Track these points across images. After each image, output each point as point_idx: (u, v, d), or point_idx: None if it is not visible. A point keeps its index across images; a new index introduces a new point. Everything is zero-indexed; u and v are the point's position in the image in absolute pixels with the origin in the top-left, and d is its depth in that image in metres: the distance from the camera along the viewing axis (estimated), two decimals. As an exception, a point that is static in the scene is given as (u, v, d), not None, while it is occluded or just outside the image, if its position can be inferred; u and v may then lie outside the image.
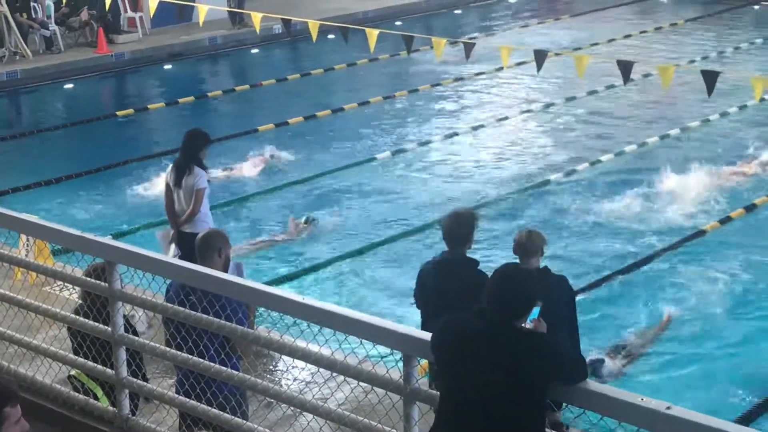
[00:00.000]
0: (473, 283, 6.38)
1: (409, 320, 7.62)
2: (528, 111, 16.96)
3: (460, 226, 6.68)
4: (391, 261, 11.26)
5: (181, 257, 8.43)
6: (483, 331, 4.41)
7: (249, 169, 14.04)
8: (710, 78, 10.86)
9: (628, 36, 22.43)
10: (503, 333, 4.37)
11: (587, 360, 5.80)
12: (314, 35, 13.37)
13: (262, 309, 6.22)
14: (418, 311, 6.95)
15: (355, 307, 9.76)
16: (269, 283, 9.94)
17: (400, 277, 10.60)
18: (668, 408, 3.99)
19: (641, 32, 22.92)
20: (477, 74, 19.17)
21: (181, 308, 5.67)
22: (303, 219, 12.09)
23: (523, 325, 4.54)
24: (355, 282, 10.78)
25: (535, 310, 4.72)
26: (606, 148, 14.80)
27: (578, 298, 9.45)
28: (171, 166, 9.46)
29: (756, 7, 25.67)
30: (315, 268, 11.05)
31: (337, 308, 5.21)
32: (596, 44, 21.46)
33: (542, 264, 6.74)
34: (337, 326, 5.10)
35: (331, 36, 18.97)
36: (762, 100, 15.11)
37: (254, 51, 21.70)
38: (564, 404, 4.61)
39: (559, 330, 6.17)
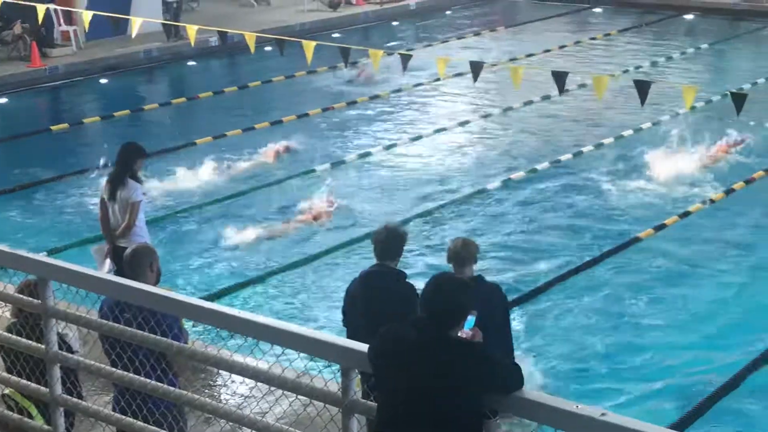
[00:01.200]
0: (402, 295, 6.40)
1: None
2: (465, 122, 17.06)
3: (390, 241, 6.71)
4: (337, 268, 11.27)
5: (116, 272, 8.33)
6: (418, 342, 4.41)
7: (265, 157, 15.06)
8: (643, 87, 11.04)
9: (563, 47, 22.69)
10: (438, 343, 4.38)
11: None
12: (252, 47, 13.33)
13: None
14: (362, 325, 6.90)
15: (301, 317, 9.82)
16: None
17: (336, 289, 10.64)
18: (603, 414, 4.02)
19: (576, 43, 23.22)
20: (415, 85, 19.25)
21: (116, 324, 5.59)
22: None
23: (459, 334, 4.56)
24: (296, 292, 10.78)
25: (471, 320, 4.72)
26: (542, 157, 14.94)
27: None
28: (106, 180, 9.37)
29: (687, 17, 26.15)
30: (253, 282, 11.01)
31: (274, 321, 5.16)
32: (532, 55, 21.68)
33: (477, 272, 6.77)
34: (273, 339, 5.05)
35: (268, 48, 18.93)
36: (693, 108, 15.40)
37: (191, 63, 21.55)
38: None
39: (494, 338, 6.20)
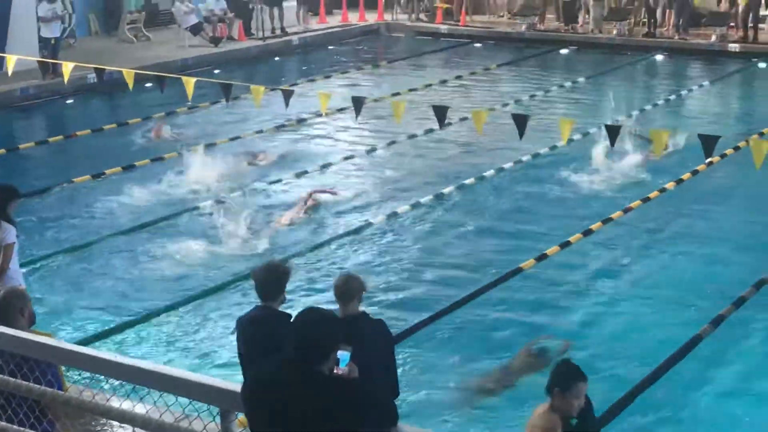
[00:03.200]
0: (286, 338, 6.31)
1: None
2: (350, 156, 17.10)
3: (272, 279, 6.58)
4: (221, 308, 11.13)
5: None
6: (288, 380, 4.37)
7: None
8: (521, 121, 11.27)
9: (444, 81, 23.05)
10: (308, 380, 4.34)
11: None
12: (130, 84, 13.20)
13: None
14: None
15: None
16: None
17: (213, 330, 10.54)
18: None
19: (456, 77, 23.60)
20: (298, 121, 19.26)
21: (-14, 373, 5.41)
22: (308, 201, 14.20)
23: (335, 371, 4.54)
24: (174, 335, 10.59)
25: (345, 357, 4.69)
26: (426, 191, 15.06)
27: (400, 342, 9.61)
28: (-23, 223, 9.07)
29: (564, 51, 26.86)
30: (134, 323, 10.79)
31: (149, 364, 5.08)
32: (414, 90, 21.94)
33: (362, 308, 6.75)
34: (149, 383, 4.97)
35: (149, 85, 18.71)
36: (570, 141, 15.76)
37: (69, 101, 21.14)
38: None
39: (380, 375, 6.19)
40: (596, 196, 14.75)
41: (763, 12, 27.18)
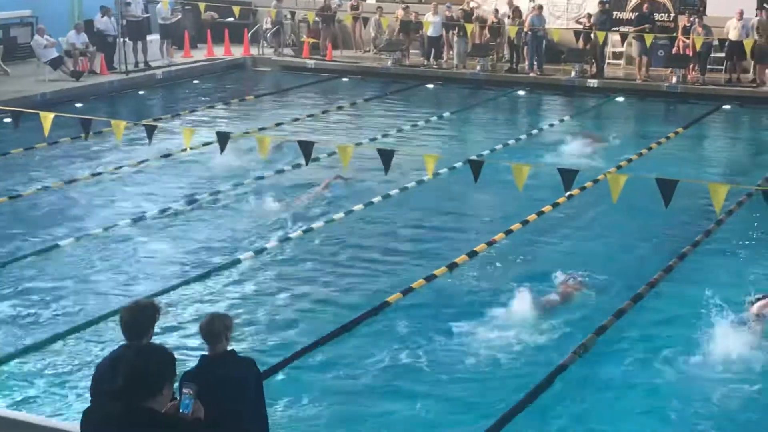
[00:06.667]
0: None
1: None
2: (217, 191, 16.89)
3: (139, 318, 6.40)
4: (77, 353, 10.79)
5: None
6: (117, 415, 4.35)
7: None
8: (386, 156, 11.39)
9: (311, 116, 23.08)
10: (134, 415, 4.33)
11: None
12: (-16, 119, 12.80)
13: None
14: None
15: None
16: None
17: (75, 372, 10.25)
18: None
19: (323, 112, 23.69)
20: (163, 156, 18.94)
21: None
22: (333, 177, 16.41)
23: (183, 412, 4.52)
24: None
25: (187, 400, 4.63)
26: (294, 226, 14.98)
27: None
28: None
29: (429, 86, 27.30)
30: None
31: (8, 412, 4.90)
32: (281, 124, 21.90)
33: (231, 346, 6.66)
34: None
35: (7, 119, 18.17)
36: (436, 175, 15.95)
37: None
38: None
39: (249, 413, 6.11)
40: (460, 230, 14.96)
41: (620, 48, 28.24)
